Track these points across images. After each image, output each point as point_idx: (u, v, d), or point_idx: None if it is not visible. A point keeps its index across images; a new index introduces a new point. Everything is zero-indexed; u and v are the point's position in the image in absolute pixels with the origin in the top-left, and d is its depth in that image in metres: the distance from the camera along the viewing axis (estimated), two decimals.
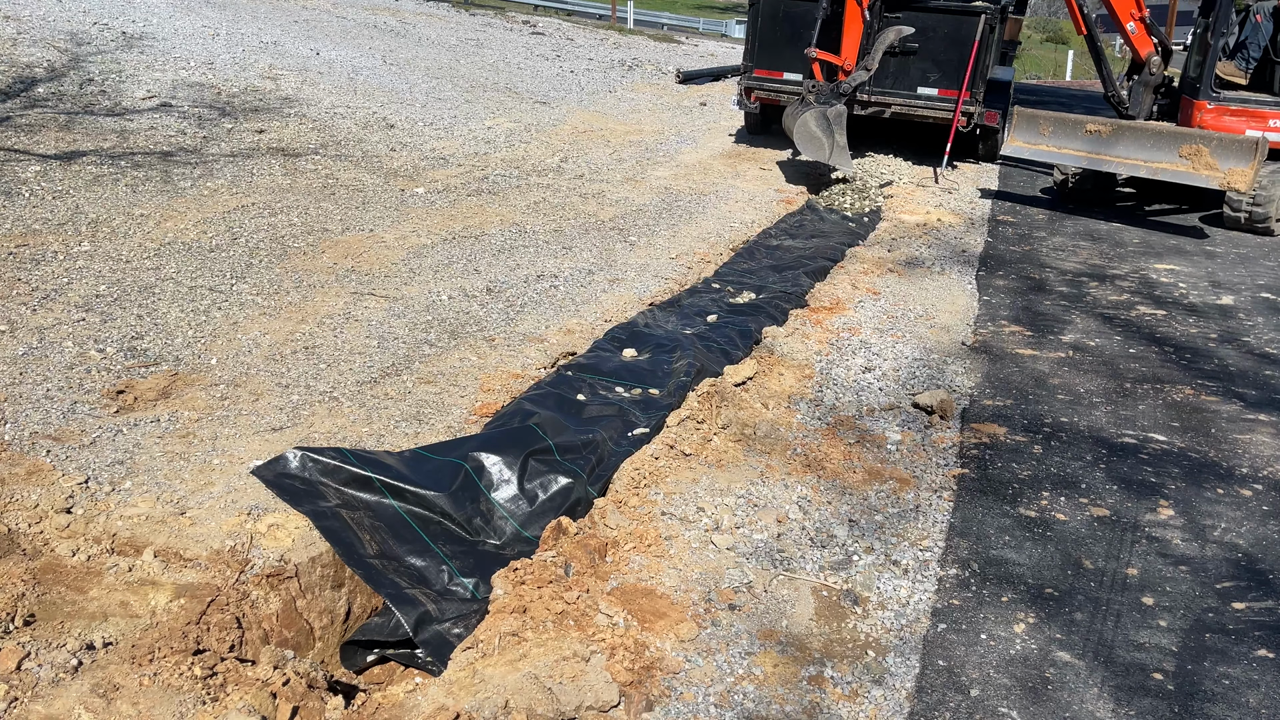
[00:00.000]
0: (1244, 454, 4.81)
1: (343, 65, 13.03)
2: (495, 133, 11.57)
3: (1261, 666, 3.23)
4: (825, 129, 9.70)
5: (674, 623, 3.24)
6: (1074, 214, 10.24)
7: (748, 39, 12.12)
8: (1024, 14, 14.22)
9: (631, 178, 10.25)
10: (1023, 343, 6.25)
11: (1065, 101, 19.75)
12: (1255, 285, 7.87)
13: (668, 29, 29.82)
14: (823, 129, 9.69)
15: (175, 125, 9.17)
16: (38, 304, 5.27)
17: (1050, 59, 35.54)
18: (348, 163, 9.22)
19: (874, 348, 5.89)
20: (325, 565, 3.47)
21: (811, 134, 9.67)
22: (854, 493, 4.22)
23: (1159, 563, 3.83)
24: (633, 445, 4.43)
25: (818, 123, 9.69)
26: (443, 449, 4.14)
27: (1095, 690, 3.09)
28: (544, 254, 7.24)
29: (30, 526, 3.40)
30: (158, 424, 4.20)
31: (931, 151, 12.01)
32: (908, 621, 3.39)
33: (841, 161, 9.85)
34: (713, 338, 5.88)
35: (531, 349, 5.45)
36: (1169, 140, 9.20)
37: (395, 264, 6.66)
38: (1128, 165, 9.41)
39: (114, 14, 12.50)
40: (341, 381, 4.82)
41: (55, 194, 6.99)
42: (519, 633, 3.06)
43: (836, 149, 9.78)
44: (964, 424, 4.99)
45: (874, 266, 7.61)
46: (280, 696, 2.75)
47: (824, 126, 9.70)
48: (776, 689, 3.01)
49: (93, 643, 2.90)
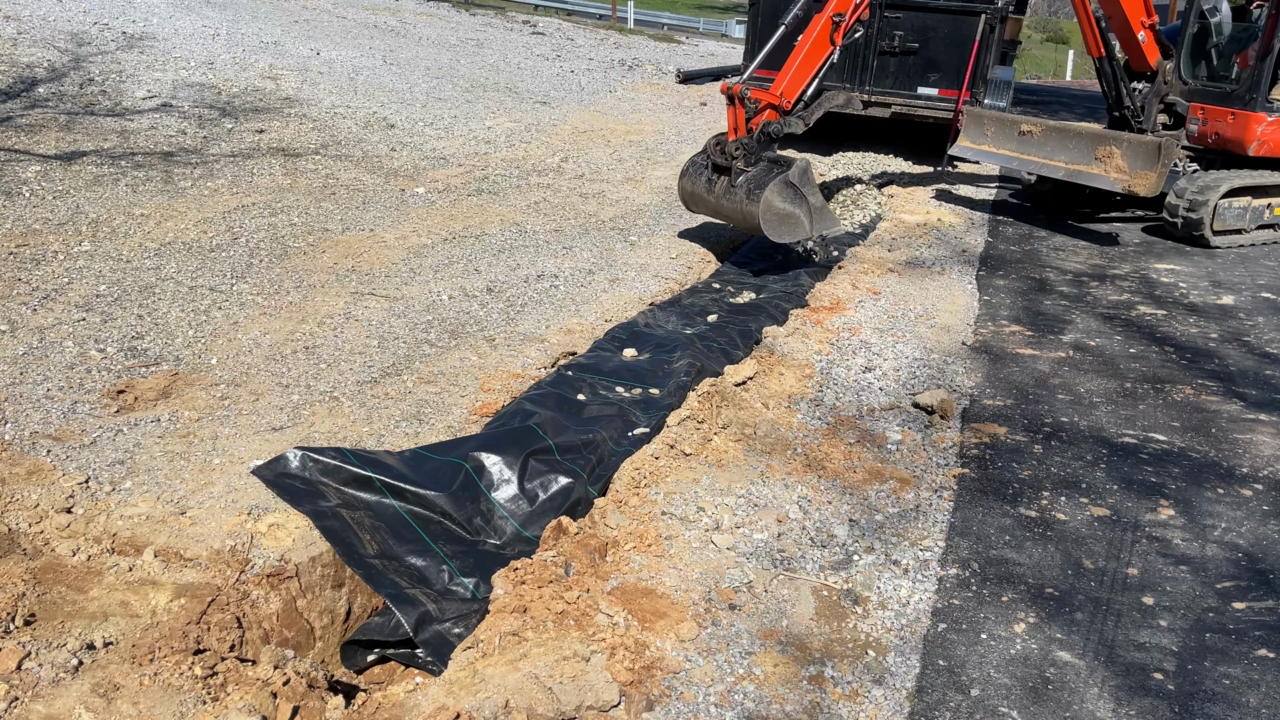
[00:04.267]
0: (1244, 454, 4.80)
1: (343, 65, 13.03)
2: (495, 132, 11.57)
3: (1262, 666, 3.23)
4: (795, 199, 7.14)
5: (674, 622, 3.23)
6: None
7: (748, 39, 12.13)
8: (1024, 14, 14.21)
9: (632, 177, 10.25)
10: (1023, 342, 6.25)
11: (1066, 101, 19.75)
12: (1255, 285, 7.87)
13: (668, 29, 29.81)
14: (791, 201, 7.12)
15: (176, 125, 9.17)
16: (38, 304, 5.27)
17: (1050, 59, 35.53)
18: (348, 163, 9.22)
19: (874, 347, 5.89)
20: (325, 565, 3.47)
21: (782, 214, 7.07)
22: (854, 492, 4.22)
23: (1159, 562, 3.83)
24: (633, 445, 4.43)
25: (784, 197, 7.05)
26: (443, 449, 4.14)
27: (1096, 690, 3.09)
28: (544, 254, 7.24)
29: (31, 526, 3.40)
30: (158, 424, 4.20)
31: (932, 151, 12.01)
32: (908, 621, 3.39)
33: (827, 226, 7.52)
34: (713, 337, 5.89)
35: (532, 349, 5.45)
36: (1089, 142, 8.90)
37: (395, 264, 6.66)
38: (1049, 167, 9.14)
39: (114, 14, 12.50)
40: (342, 381, 4.82)
41: (56, 194, 6.99)
42: (519, 632, 3.06)
43: (816, 215, 7.33)
44: (964, 424, 4.99)
45: (874, 266, 7.61)
46: (281, 696, 2.75)
47: (792, 197, 7.12)
48: (777, 689, 3.01)
49: (93, 642, 2.90)
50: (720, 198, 7.32)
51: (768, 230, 7.03)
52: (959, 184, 11.37)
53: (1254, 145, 8.97)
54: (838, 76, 11.47)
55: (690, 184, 7.66)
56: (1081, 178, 8.84)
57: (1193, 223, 8.90)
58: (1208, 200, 8.77)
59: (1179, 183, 9.04)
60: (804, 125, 7.67)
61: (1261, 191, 9.17)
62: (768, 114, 7.21)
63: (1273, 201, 9.30)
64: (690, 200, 7.80)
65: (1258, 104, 8.90)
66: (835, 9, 7.32)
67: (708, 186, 7.43)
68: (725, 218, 7.58)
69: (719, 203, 7.37)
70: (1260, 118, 8.90)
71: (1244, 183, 8.92)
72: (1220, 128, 9.25)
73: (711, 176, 7.39)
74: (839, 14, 7.32)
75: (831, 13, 7.32)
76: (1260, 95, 8.86)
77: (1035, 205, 10.51)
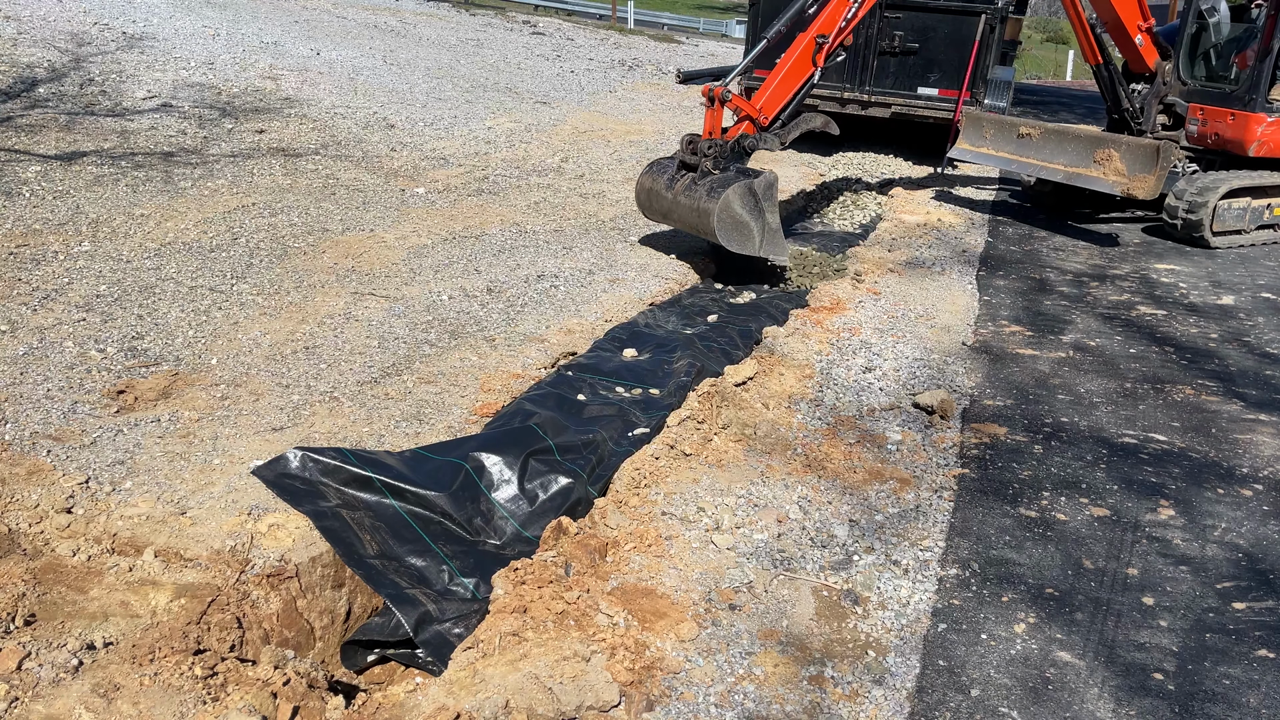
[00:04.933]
0: (1244, 454, 4.80)
1: (343, 65, 13.03)
2: (496, 133, 11.57)
3: (1262, 666, 3.23)
4: (753, 211, 6.87)
5: (674, 622, 3.23)
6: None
7: (748, 39, 12.12)
8: (1024, 14, 14.21)
9: (632, 178, 10.23)
10: (1023, 343, 6.25)
11: (1066, 102, 19.75)
12: (1256, 285, 7.87)
13: (668, 29, 29.81)
14: (750, 210, 6.85)
15: (176, 125, 9.17)
16: (38, 304, 5.27)
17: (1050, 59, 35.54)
18: (348, 163, 9.23)
19: (874, 348, 5.89)
20: (326, 565, 3.47)
21: (737, 219, 6.81)
22: (854, 493, 4.22)
23: (1159, 563, 3.83)
24: (633, 445, 4.43)
25: (744, 203, 6.80)
26: (443, 449, 4.14)
27: (1096, 690, 3.09)
28: (544, 254, 7.24)
29: (31, 526, 3.40)
30: (158, 424, 4.20)
31: (932, 151, 12.01)
32: (908, 621, 3.39)
33: (775, 250, 7.10)
34: (713, 337, 5.89)
35: (532, 349, 5.45)
36: (1088, 144, 8.90)
37: (396, 264, 6.66)
38: (1048, 169, 9.14)
39: (114, 14, 12.50)
40: (342, 381, 4.82)
41: (56, 194, 6.99)
42: (519, 632, 3.06)
43: (768, 235, 7.02)
44: (964, 424, 4.99)
45: (874, 266, 7.61)
46: (281, 696, 2.75)
47: (751, 207, 6.86)
48: (777, 689, 3.01)
49: (93, 642, 2.90)
50: (679, 194, 7.06)
51: (719, 230, 6.75)
52: (959, 184, 11.37)
53: (1254, 146, 8.93)
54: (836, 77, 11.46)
55: (650, 180, 7.41)
56: (1080, 180, 8.83)
57: (1192, 224, 8.88)
58: (1207, 201, 8.75)
59: (1178, 184, 9.02)
60: (780, 145, 7.50)
61: (1261, 192, 9.15)
62: (745, 126, 7.13)
63: (1272, 202, 9.29)
64: (646, 198, 7.49)
65: (1257, 104, 8.86)
66: (819, 30, 7.22)
67: (668, 184, 7.19)
68: (678, 219, 7.23)
69: (675, 199, 7.10)
70: (1260, 118, 8.87)
71: (1243, 183, 8.91)
72: (1220, 128, 9.23)
73: (675, 175, 7.17)
74: (822, 36, 7.22)
75: (815, 34, 7.22)
76: (1260, 96, 8.82)
77: (1035, 205, 10.50)
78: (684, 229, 7.33)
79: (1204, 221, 8.83)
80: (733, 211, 6.75)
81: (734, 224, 6.79)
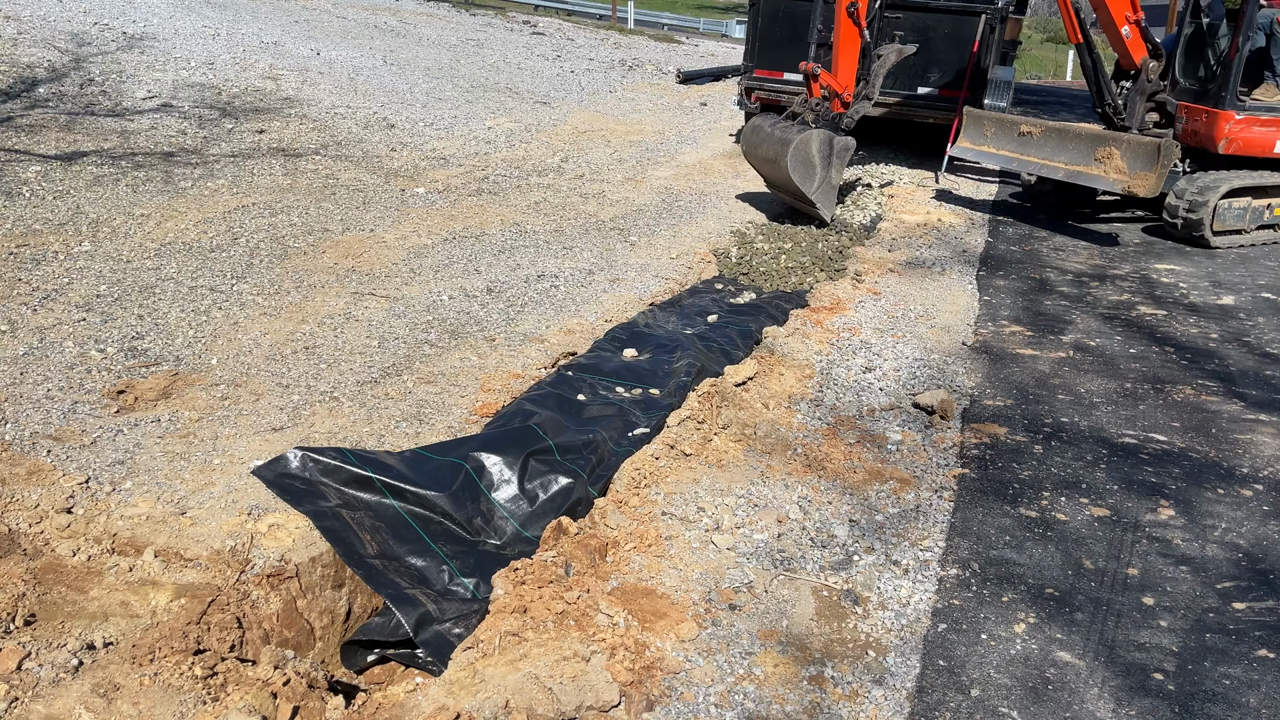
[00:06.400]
0: (1245, 454, 4.80)
1: (343, 65, 13.03)
2: (496, 133, 11.57)
3: (1262, 666, 3.23)
4: (824, 158, 8.14)
5: (674, 623, 3.23)
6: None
7: (748, 39, 12.12)
8: (1024, 14, 14.20)
9: (632, 178, 10.25)
10: (1023, 343, 6.25)
11: (1066, 101, 19.74)
12: (1256, 285, 7.86)
13: (668, 29, 29.82)
14: (822, 157, 8.13)
15: (176, 125, 9.17)
16: (38, 304, 5.27)
17: (1051, 59, 35.53)
18: (348, 163, 9.23)
19: (874, 348, 5.89)
20: (325, 565, 3.47)
21: (809, 158, 8.09)
22: (854, 493, 4.22)
23: (1160, 563, 3.83)
24: (633, 445, 4.43)
25: (820, 149, 8.12)
26: (443, 449, 4.14)
27: (1096, 690, 3.09)
28: (544, 254, 7.24)
29: (31, 526, 3.40)
30: (158, 424, 4.20)
31: (932, 151, 12.00)
32: (908, 621, 3.39)
33: (824, 201, 8.31)
34: (713, 338, 5.88)
35: (532, 349, 5.45)
36: (1089, 143, 8.85)
37: (396, 264, 6.66)
38: (1049, 168, 9.10)
39: (115, 14, 12.50)
40: (342, 381, 4.82)
41: (56, 194, 6.99)
42: (519, 633, 3.06)
43: (826, 186, 8.26)
44: (964, 424, 4.99)
45: (875, 266, 7.61)
46: (281, 696, 2.75)
47: (825, 155, 8.14)
48: (777, 689, 3.01)
49: (93, 643, 2.90)
50: (774, 128, 8.60)
51: (791, 157, 7.99)
52: (959, 184, 11.37)
53: (1223, 143, 8.83)
54: None
55: (760, 119, 9.00)
56: (1081, 179, 8.81)
57: (1192, 223, 8.85)
58: (1207, 201, 8.73)
59: (1179, 183, 9.00)
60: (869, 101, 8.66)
61: (1261, 192, 9.13)
62: (834, 104, 8.45)
63: (1272, 202, 9.27)
64: (751, 132, 8.95)
65: (1227, 101, 8.76)
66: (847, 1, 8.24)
67: (773, 122, 8.73)
68: (763, 154, 8.62)
69: (771, 133, 8.55)
70: (1229, 115, 8.76)
71: (1244, 183, 8.89)
72: (1198, 126, 9.20)
73: (780, 121, 8.68)
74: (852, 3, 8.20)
75: (845, 3, 8.20)
76: (1230, 92, 8.73)
77: (1035, 205, 10.49)
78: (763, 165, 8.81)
79: (1204, 221, 8.81)
80: (809, 149, 8.07)
81: (804, 160, 8.07)
